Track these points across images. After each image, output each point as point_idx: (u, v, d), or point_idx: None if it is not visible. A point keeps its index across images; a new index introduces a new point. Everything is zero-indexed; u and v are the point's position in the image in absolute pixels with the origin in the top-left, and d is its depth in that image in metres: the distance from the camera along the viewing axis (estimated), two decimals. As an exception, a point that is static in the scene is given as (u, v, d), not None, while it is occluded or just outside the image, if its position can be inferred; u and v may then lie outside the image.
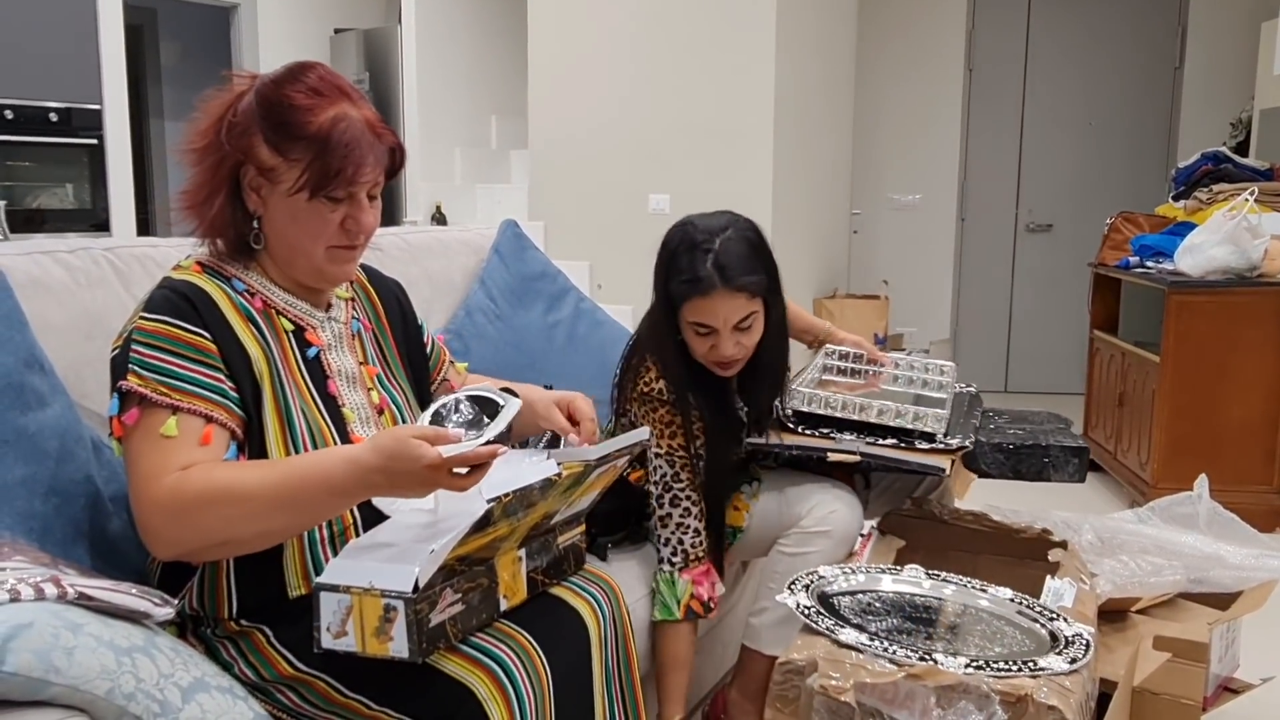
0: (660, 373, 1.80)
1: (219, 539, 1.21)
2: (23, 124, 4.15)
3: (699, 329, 1.76)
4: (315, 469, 1.19)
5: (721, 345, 1.76)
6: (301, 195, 1.29)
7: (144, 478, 1.20)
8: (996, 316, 6.10)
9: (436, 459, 1.12)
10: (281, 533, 1.26)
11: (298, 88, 1.30)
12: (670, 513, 1.81)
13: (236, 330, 1.30)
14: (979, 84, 5.92)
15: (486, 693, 1.19)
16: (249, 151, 1.30)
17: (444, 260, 2.34)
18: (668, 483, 1.81)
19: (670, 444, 1.81)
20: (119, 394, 1.23)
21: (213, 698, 1.07)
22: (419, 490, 1.17)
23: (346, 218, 1.33)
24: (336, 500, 1.20)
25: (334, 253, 1.35)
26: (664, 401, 1.80)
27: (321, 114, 1.29)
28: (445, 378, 1.68)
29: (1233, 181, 3.93)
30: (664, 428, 1.80)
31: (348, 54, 6.25)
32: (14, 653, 0.92)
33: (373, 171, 1.32)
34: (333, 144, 1.28)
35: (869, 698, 1.32)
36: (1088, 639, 1.45)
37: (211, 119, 1.33)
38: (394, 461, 1.14)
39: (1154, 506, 2.19)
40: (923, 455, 1.85)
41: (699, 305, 1.73)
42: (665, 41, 4.38)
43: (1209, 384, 3.53)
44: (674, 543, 1.81)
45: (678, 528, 1.81)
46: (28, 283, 1.45)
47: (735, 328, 1.75)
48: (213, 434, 1.23)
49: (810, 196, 4.78)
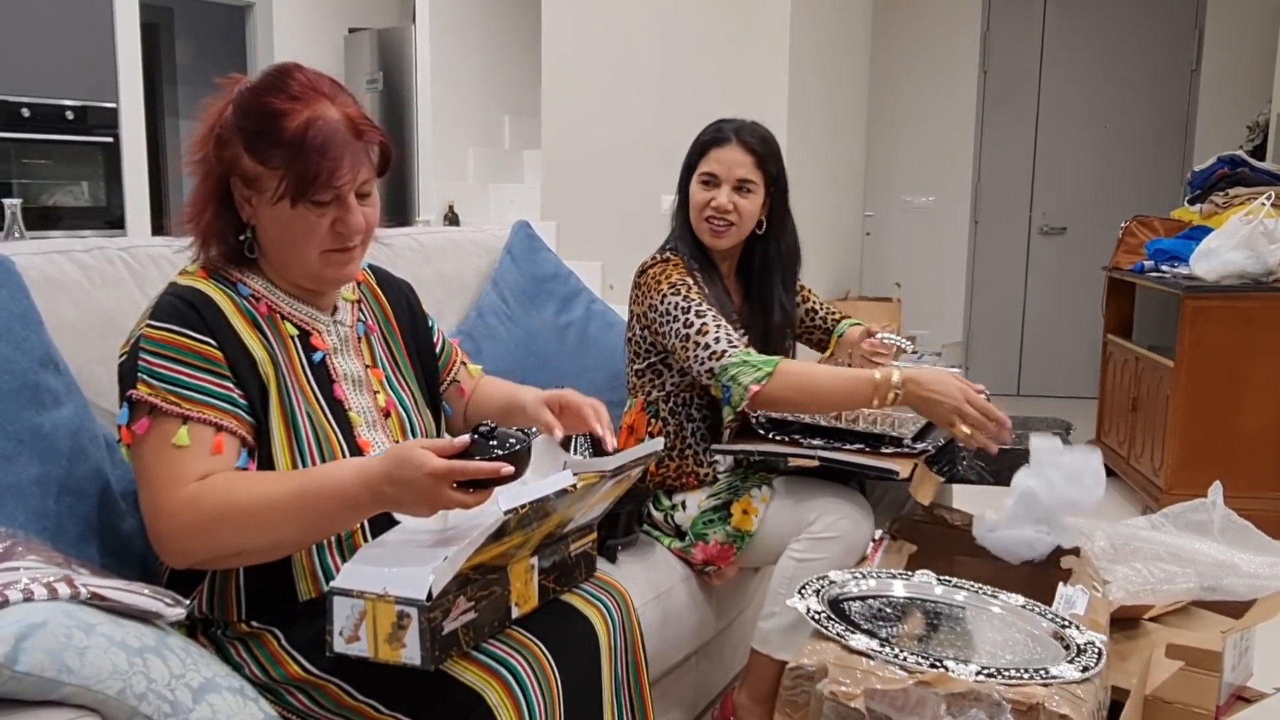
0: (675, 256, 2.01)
1: (233, 550, 1.21)
2: (39, 122, 4.17)
3: (705, 178, 2.01)
4: (328, 481, 1.19)
5: (720, 195, 1.99)
6: (284, 203, 1.27)
7: (159, 489, 1.20)
8: (1009, 320, 6.08)
9: (440, 467, 1.12)
10: (294, 544, 1.26)
11: (274, 94, 1.28)
12: (701, 323, 1.87)
13: (242, 336, 1.30)
14: (993, 86, 5.90)
15: (497, 699, 1.19)
16: (233, 163, 1.28)
17: (456, 261, 2.34)
18: (693, 307, 1.89)
19: (680, 280, 1.93)
20: (128, 403, 1.23)
21: (224, 698, 1.08)
22: (424, 503, 1.17)
23: (335, 220, 1.30)
24: (349, 512, 1.21)
25: (328, 256, 1.33)
26: (678, 265, 1.99)
27: (296, 118, 1.26)
28: (456, 379, 1.67)
29: (1249, 185, 3.91)
30: (677, 279, 1.93)
31: (362, 53, 6.27)
32: (27, 652, 0.92)
33: (351, 171, 1.28)
34: (307, 147, 1.25)
35: (879, 704, 1.32)
36: (1100, 647, 1.44)
37: (205, 128, 1.32)
38: (400, 469, 1.14)
39: (1167, 513, 2.17)
40: (882, 459, 1.83)
41: (711, 156, 2.00)
42: (679, 43, 4.37)
43: (1224, 389, 3.51)
44: (723, 337, 1.85)
45: (718, 327, 1.86)
46: (43, 281, 1.46)
47: (735, 186, 1.99)
48: (224, 442, 1.23)
49: (823, 198, 4.77)
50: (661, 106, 4.41)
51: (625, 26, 4.47)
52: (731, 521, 1.95)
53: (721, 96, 4.31)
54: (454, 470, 1.13)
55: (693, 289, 1.93)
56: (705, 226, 2.03)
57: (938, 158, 5.95)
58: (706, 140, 2.04)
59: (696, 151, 2.05)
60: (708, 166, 2.01)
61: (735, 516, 1.94)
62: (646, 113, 4.44)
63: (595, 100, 4.55)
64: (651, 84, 4.43)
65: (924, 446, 1.86)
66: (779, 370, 1.78)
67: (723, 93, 4.30)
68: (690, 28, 4.35)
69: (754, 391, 1.77)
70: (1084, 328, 5.73)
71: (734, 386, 1.80)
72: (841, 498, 1.91)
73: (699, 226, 2.04)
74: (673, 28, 4.38)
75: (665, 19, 4.39)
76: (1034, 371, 6.07)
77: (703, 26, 4.33)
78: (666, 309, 1.92)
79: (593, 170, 4.58)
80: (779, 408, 1.87)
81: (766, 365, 1.79)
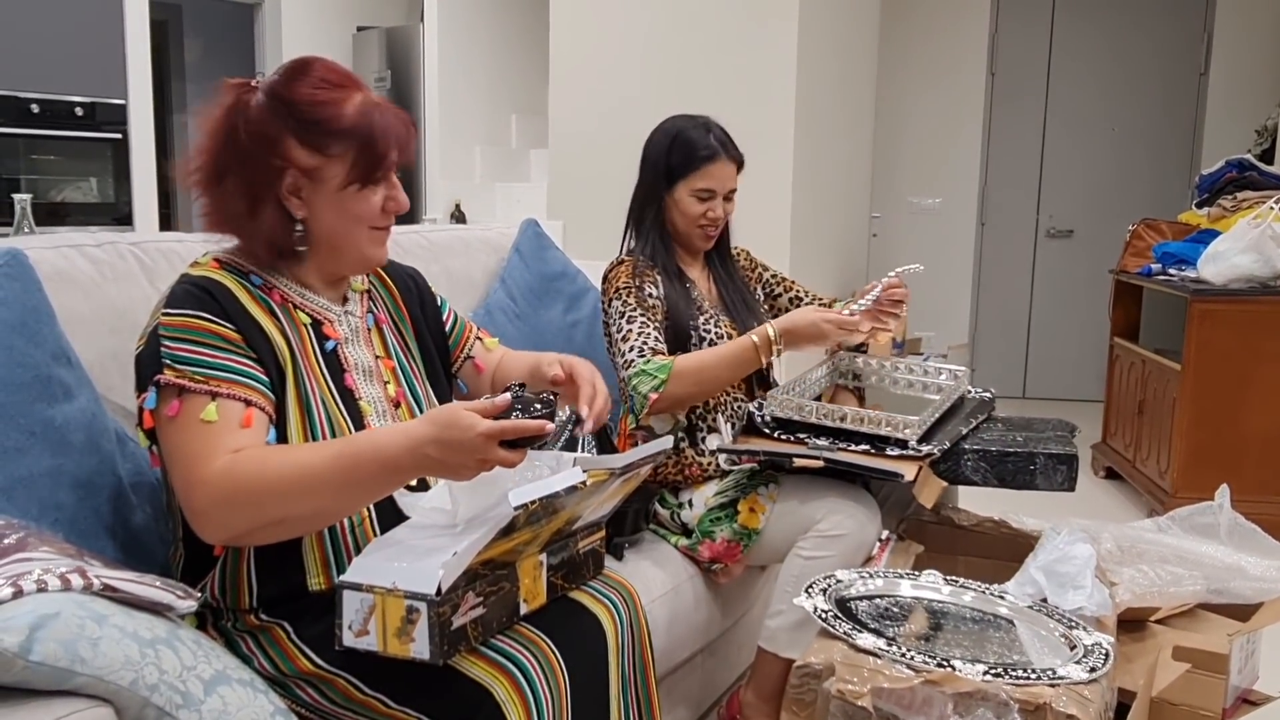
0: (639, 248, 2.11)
1: (274, 518, 1.20)
2: (48, 118, 4.18)
3: (701, 194, 2.08)
4: (371, 444, 1.19)
5: (716, 206, 2.09)
6: (351, 188, 1.31)
7: (192, 464, 1.20)
8: (1015, 322, 6.07)
9: (492, 428, 1.13)
10: (335, 512, 1.26)
11: (314, 86, 1.30)
12: (628, 329, 1.94)
13: (260, 321, 1.31)
14: (1001, 88, 5.89)
15: (505, 695, 1.19)
16: (287, 159, 1.29)
17: (465, 259, 2.34)
18: (626, 314, 1.96)
19: (625, 284, 1.99)
20: (156, 388, 1.23)
21: (234, 690, 1.08)
22: (469, 465, 1.16)
23: (386, 198, 1.37)
24: (391, 476, 1.21)
25: (376, 235, 1.38)
26: (633, 262, 2.05)
27: (347, 104, 1.30)
28: (470, 354, 1.66)
29: (1257, 189, 3.90)
30: (629, 278, 2.00)
31: (370, 52, 6.28)
32: (41, 642, 0.93)
33: (410, 147, 1.36)
34: (375, 131, 1.30)
35: (886, 703, 1.32)
36: (1107, 648, 1.44)
37: (217, 136, 1.31)
38: (447, 430, 1.14)
39: (1174, 516, 2.17)
40: (887, 461, 1.84)
41: (706, 172, 2.07)
42: (686, 43, 4.37)
43: (1230, 393, 3.51)
44: (638, 345, 1.92)
45: (639, 335, 1.92)
46: (55, 275, 1.46)
47: (725, 196, 2.10)
48: (253, 417, 1.24)
49: (830, 199, 4.76)
50: (669, 105, 4.38)
51: (633, 25, 4.48)
52: (738, 519, 1.95)
53: (729, 96, 4.31)
54: (504, 430, 1.14)
55: (631, 293, 1.98)
56: (698, 233, 2.11)
57: (945, 159, 5.94)
58: (703, 156, 2.07)
59: (688, 165, 2.07)
60: (705, 183, 2.07)
61: (742, 514, 1.95)
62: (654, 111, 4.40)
63: (602, 99, 4.55)
64: (659, 82, 4.43)
65: (929, 449, 1.87)
66: (673, 374, 1.89)
67: (730, 92, 4.30)
68: (698, 27, 4.35)
69: (652, 400, 1.88)
70: (1090, 330, 5.72)
71: (636, 396, 1.89)
72: (849, 497, 1.91)
73: (690, 233, 2.12)
74: (681, 26, 4.38)
75: (673, 17, 4.39)
76: (1040, 374, 6.06)
77: (711, 26, 4.33)
78: (610, 313, 2.01)
79: (600, 169, 4.57)
80: (682, 405, 1.99)
81: (661, 372, 1.88)
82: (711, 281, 2.21)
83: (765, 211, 1.87)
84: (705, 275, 2.21)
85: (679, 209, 2.10)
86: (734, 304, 2.17)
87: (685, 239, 2.14)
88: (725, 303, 2.17)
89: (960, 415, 2.14)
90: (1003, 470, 1.96)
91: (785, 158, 4.17)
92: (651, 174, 2.12)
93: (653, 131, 2.17)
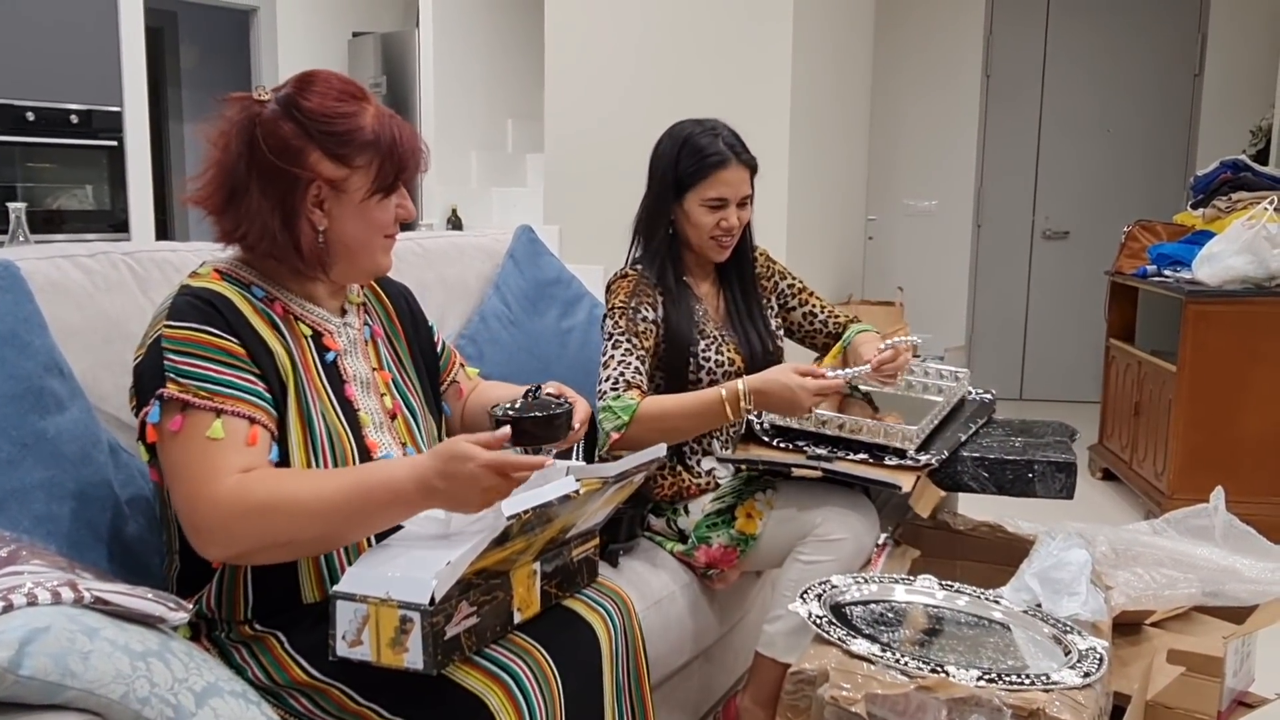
0: (643, 260, 2.03)
1: (281, 540, 1.21)
2: (43, 125, 4.18)
3: (713, 203, 1.97)
4: (381, 475, 1.21)
5: (729, 215, 1.98)
6: (375, 197, 1.34)
7: (199, 481, 1.20)
8: (1012, 324, 6.08)
9: (490, 460, 1.16)
10: (340, 539, 1.27)
11: (334, 100, 1.31)
12: (610, 354, 1.90)
13: (262, 334, 1.31)
14: (996, 89, 5.90)
15: (499, 704, 1.19)
16: (315, 171, 1.30)
17: (459, 265, 2.34)
18: (614, 337, 1.91)
19: (622, 303, 1.94)
20: (159, 401, 1.23)
21: (226, 702, 1.08)
22: (475, 496, 1.18)
23: (399, 206, 1.39)
24: (401, 508, 1.23)
25: (386, 243, 1.41)
26: (635, 278, 1.99)
27: (364, 117, 1.32)
28: (455, 379, 1.69)
29: (1252, 190, 3.90)
30: (626, 297, 1.95)
31: (365, 57, 6.28)
32: (31, 656, 0.92)
33: (427, 156, 1.40)
34: (395, 140, 1.34)
35: (880, 709, 1.32)
36: (1101, 652, 1.44)
37: (232, 151, 1.30)
38: (449, 463, 1.17)
39: (1170, 518, 2.17)
40: (885, 472, 1.85)
41: (718, 179, 1.96)
42: (682, 47, 4.38)
43: (1226, 394, 3.51)
44: (614, 376, 1.87)
45: (619, 365, 1.88)
46: (47, 286, 1.46)
47: (739, 203, 2.00)
48: (258, 435, 1.25)
49: (826, 202, 4.77)
50: (665, 110, 4.39)
51: (628, 30, 4.48)
52: (735, 525, 1.95)
53: (725, 101, 4.32)
54: (503, 464, 1.16)
55: (624, 315, 1.93)
56: (712, 244, 2.02)
57: (940, 161, 5.94)
58: (712, 163, 1.96)
59: (697, 173, 1.97)
60: (717, 191, 1.97)
61: (739, 520, 1.95)
62: (649, 117, 4.41)
63: (598, 104, 4.56)
64: (654, 87, 4.44)
65: (927, 460, 1.87)
66: (635, 418, 1.82)
67: (726, 97, 4.30)
68: (693, 32, 4.36)
69: (614, 439, 1.83)
70: (1087, 332, 5.72)
71: (600, 430, 1.84)
72: (847, 502, 1.91)
73: (703, 245, 2.02)
74: (676, 31, 4.39)
75: (668, 22, 4.39)
76: (1037, 376, 6.07)
77: (706, 31, 4.34)
78: (604, 328, 1.97)
79: (596, 174, 4.58)
80: (641, 446, 1.85)
81: (625, 413, 1.82)
82: (721, 298, 2.13)
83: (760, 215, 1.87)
84: (716, 291, 2.12)
85: (690, 221, 2.00)
86: (741, 325, 2.09)
87: (698, 252, 2.05)
88: (733, 322, 2.09)
89: (960, 420, 2.14)
90: (1001, 478, 1.96)
91: (780, 161, 4.18)
92: (659, 185, 2.02)
93: (660, 138, 2.06)
